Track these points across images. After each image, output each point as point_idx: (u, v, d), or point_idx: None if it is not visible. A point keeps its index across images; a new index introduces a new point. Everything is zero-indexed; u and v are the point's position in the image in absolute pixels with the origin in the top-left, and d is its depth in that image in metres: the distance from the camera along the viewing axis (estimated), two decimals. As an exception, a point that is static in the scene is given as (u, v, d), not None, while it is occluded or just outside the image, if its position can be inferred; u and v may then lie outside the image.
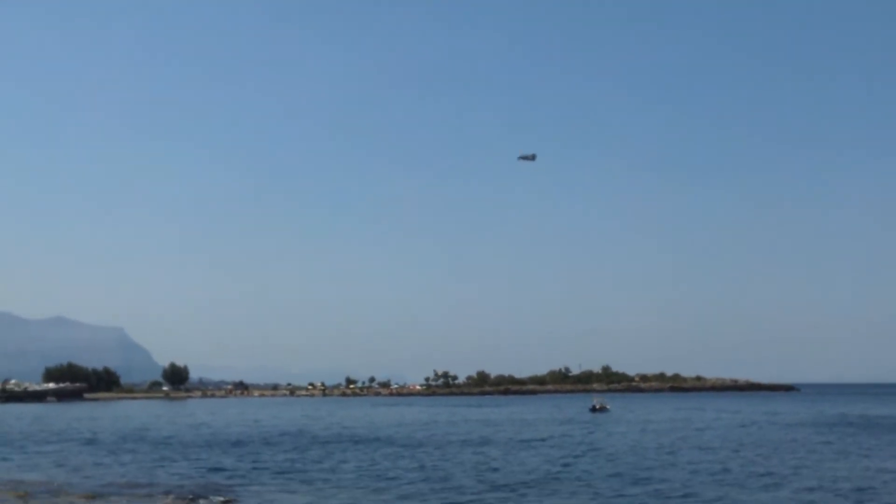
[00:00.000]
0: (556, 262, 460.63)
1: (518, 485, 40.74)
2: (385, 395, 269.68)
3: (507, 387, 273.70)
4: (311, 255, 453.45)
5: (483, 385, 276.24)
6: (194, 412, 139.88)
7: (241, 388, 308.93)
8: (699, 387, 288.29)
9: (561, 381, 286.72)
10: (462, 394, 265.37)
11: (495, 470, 47.66)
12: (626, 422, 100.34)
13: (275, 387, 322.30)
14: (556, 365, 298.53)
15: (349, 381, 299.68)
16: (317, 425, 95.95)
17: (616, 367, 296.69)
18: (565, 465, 50.81)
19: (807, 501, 36.02)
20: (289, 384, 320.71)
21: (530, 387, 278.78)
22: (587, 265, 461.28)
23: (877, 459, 52.69)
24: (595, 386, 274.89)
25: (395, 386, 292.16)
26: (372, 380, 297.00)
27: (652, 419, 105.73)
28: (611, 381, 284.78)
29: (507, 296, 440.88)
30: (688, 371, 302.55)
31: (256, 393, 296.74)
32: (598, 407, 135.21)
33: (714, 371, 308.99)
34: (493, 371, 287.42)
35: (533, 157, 75.51)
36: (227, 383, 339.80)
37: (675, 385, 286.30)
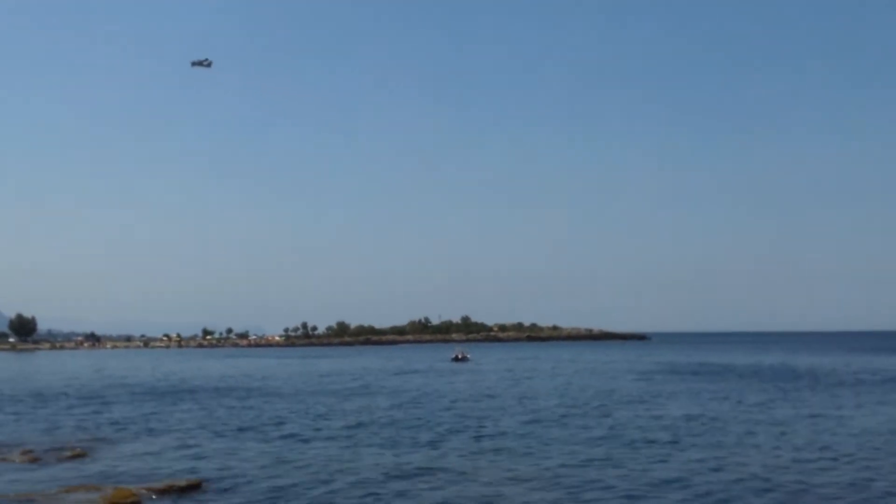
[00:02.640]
0: (417, 212, 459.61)
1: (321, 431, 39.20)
2: (243, 347, 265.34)
3: (368, 337, 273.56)
4: (167, 204, 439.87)
5: (343, 336, 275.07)
6: (40, 365, 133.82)
7: (93, 339, 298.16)
8: (555, 336, 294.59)
9: (421, 332, 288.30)
10: (322, 344, 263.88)
11: (323, 416, 46.30)
12: (475, 371, 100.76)
13: (128, 338, 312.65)
14: (416, 315, 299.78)
15: (206, 333, 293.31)
16: (164, 377, 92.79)
17: (475, 318, 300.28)
18: (386, 410, 50.13)
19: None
20: (143, 336, 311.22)
21: (390, 337, 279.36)
22: (447, 215, 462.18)
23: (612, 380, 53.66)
24: (454, 336, 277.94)
25: (254, 337, 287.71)
26: (229, 331, 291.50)
27: (493, 368, 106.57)
28: (470, 331, 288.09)
29: (367, 245, 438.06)
30: (545, 321, 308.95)
31: (109, 345, 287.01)
32: (459, 357, 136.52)
33: (572, 321, 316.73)
34: (354, 321, 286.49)
35: (209, 64, 71.52)
36: (78, 335, 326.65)
37: (532, 335, 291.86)
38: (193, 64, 69.98)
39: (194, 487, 26.63)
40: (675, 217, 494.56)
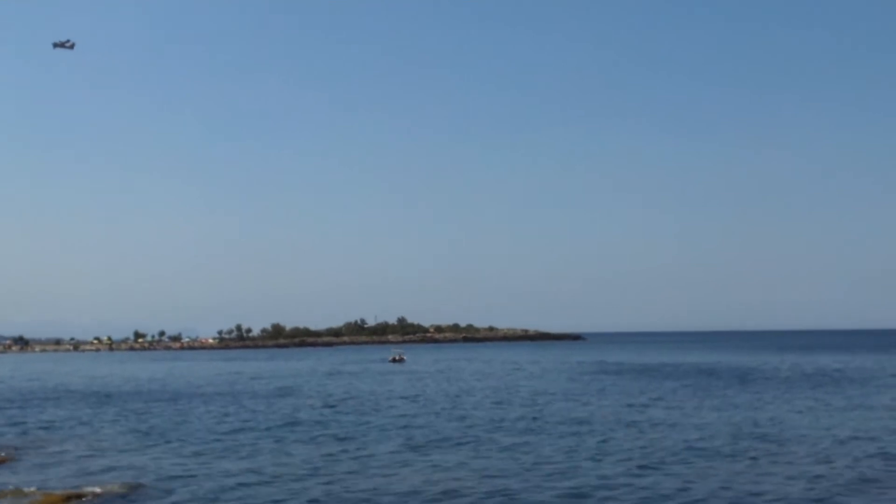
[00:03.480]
0: (351, 214, 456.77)
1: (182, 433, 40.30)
2: (176, 349, 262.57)
3: (303, 339, 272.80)
4: (96, 204, 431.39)
5: (278, 337, 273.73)
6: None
7: (21, 343, 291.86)
8: (492, 337, 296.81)
9: (357, 333, 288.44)
10: (256, 346, 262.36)
11: (249, 419, 47.34)
12: (405, 372, 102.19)
13: (58, 342, 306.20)
14: (352, 317, 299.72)
15: (138, 335, 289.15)
16: (93, 381, 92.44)
17: (411, 319, 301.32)
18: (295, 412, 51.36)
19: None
20: (72, 339, 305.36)
21: (326, 339, 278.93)
22: (382, 216, 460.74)
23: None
24: (391, 337, 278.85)
25: (187, 340, 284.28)
26: (162, 333, 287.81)
27: (425, 370, 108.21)
28: (406, 332, 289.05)
29: (302, 247, 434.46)
30: (481, 322, 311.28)
31: (38, 348, 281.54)
32: (396, 358, 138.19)
33: (509, 322, 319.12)
34: (289, 323, 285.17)
35: (71, 46, 70.40)
36: (6, 338, 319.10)
37: (468, 335, 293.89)
38: (55, 45, 68.42)
39: (129, 490, 27.26)
40: (613, 219, 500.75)
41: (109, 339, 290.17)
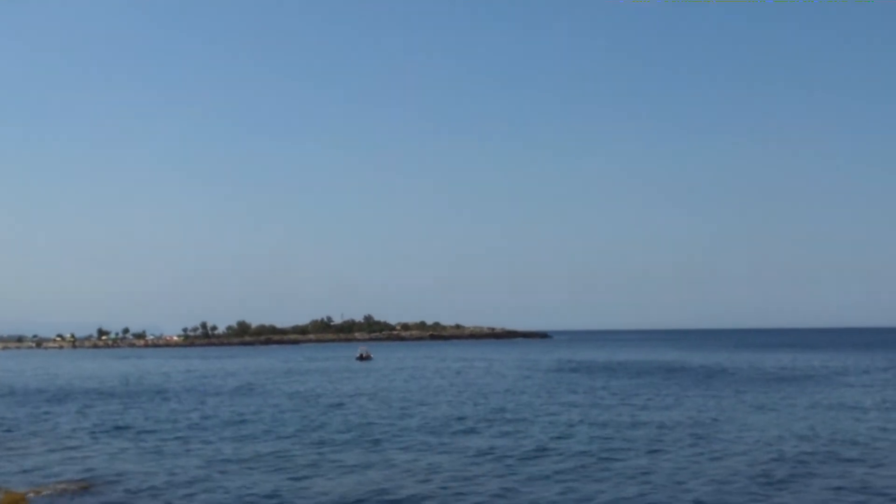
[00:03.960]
0: (318, 211, 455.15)
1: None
2: (140, 347, 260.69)
3: (269, 337, 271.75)
4: (61, 200, 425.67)
5: (244, 335, 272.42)
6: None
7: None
8: (458, 335, 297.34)
9: (323, 331, 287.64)
10: (222, 344, 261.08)
11: (206, 416, 47.30)
12: (369, 370, 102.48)
13: (20, 339, 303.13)
14: (319, 315, 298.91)
15: (101, 333, 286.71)
16: (53, 378, 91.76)
17: (378, 317, 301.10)
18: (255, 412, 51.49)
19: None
20: (35, 336, 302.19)
21: (292, 336, 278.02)
22: (348, 214, 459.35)
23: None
24: (357, 335, 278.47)
25: (151, 337, 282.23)
26: (126, 331, 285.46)
27: (390, 367, 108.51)
28: (373, 330, 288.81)
29: (269, 244, 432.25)
30: (448, 319, 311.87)
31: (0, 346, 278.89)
32: (363, 356, 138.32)
33: (479, 320, 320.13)
34: (255, 321, 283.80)
35: None
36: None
37: (435, 333, 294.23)
38: None
39: (84, 489, 27.28)
40: (582, 215, 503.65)
41: (73, 336, 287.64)
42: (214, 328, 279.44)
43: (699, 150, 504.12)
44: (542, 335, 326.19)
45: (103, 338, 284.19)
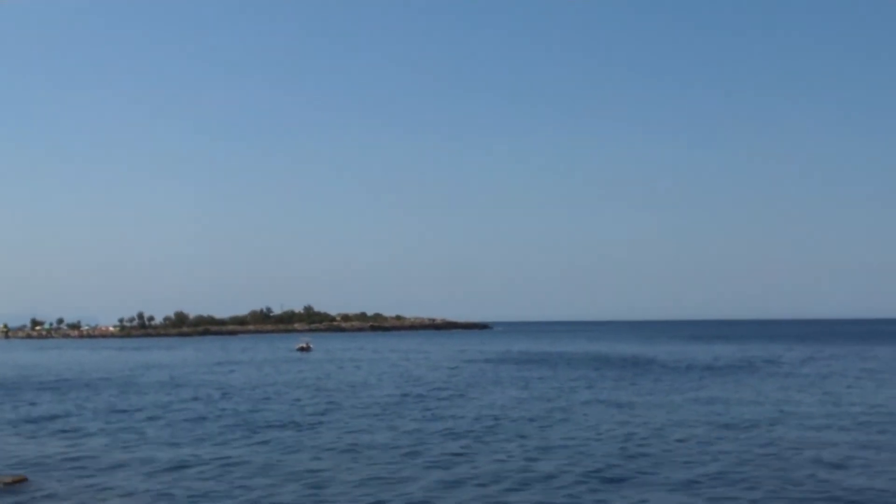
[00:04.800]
0: (256, 201, 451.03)
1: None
2: (75, 338, 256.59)
3: (207, 327, 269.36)
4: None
5: (181, 326, 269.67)
6: None
7: None
8: (399, 325, 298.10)
9: (262, 322, 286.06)
10: (159, 335, 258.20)
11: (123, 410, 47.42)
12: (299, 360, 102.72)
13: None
14: (258, 305, 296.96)
15: (35, 323, 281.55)
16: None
17: (318, 308, 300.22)
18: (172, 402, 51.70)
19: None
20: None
21: (231, 327, 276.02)
22: (288, 205, 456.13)
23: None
24: (297, 326, 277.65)
25: (87, 328, 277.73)
26: (60, 321, 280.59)
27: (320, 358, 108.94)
28: (313, 320, 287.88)
29: (207, 233, 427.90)
30: (389, 310, 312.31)
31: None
32: (303, 347, 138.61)
33: (416, 311, 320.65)
34: (193, 311, 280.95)
35: None
36: None
37: (375, 324, 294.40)
38: None
39: (17, 482, 27.12)
40: (520, 209, 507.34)
41: (5, 326, 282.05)
42: (151, 319, 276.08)
43: (613, 147, 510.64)
44: (482, 326, 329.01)
45: (37, 328, 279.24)
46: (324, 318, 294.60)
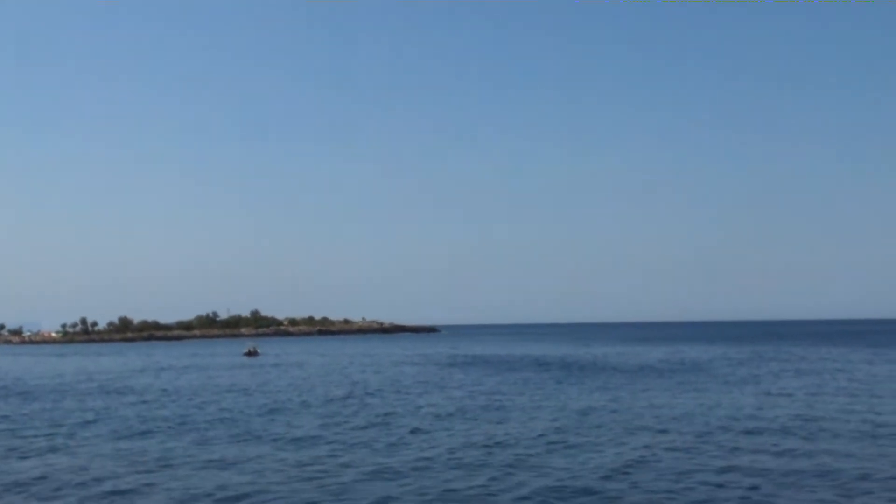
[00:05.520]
0: (199, 205, 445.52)
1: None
2: (16, 344, 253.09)
3: (152, 333, 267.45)
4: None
5: (126, 331, 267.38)
6: None
7: None
8: (347, 329, 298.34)
9: (209, 326, 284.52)
10: (103, 341, 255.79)
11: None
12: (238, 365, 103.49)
13: None
14: (204, 310, 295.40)
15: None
16: None
17: (265, 312, 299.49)
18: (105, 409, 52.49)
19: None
20: None
21: (177, 332, 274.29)
22: (233, 208, 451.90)
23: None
24: (244, 330, 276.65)
25: (28, 333, 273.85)
26: (1, 327, 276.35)
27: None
28: (260, 325, 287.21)
29: (152, 238, 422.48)
30: (337, 314, 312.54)
31: None
32: (250, 351, 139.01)
33: (364, 314, 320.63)
34: (138, 317, 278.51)
35: None
36: None
37: (323, 328, 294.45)
38: None
39: None
40: (471, 210, 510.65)
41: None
42: (95, 324, 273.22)
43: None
44: (430, 329, 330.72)
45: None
46: (271, 322, 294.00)
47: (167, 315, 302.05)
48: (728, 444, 34.10)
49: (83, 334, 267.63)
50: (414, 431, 39.47)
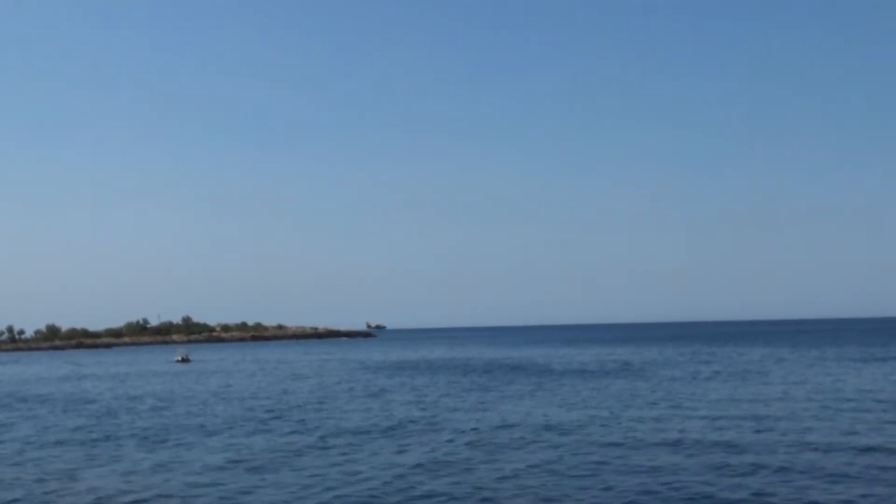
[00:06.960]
0: (130, 211, 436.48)
1: None
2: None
3: (81, 340, 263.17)
4: None
5: (54, 339, 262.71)
6: None
7: None
8: (281, 335, 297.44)
9: (139, 334, 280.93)
10: (30, 349, 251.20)
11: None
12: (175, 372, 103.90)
13: None
14: (134, 316, 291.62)
15: None
16: None
17: (197, 318, 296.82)
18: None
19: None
20: None
21: (106, 339, 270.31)
22: (164, 214, 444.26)
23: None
24: (175, 337, 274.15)
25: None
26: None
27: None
28: (191, 332, 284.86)
29: (80, 244, 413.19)
30: (270, 319, 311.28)
31: None
32: (182, 358, 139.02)
33: (305, 320, 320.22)
34: (65, 324, 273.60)
35: None
36: None
37: (256, 334, 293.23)
38: None
39: None
40: (409, 216, 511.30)
41: None
42: (22, 332, 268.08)
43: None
44: (366, 334, 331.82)
45: None
46: (203, 328, 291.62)
47: (96, 323, 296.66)
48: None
49: (9, 342, 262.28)
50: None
